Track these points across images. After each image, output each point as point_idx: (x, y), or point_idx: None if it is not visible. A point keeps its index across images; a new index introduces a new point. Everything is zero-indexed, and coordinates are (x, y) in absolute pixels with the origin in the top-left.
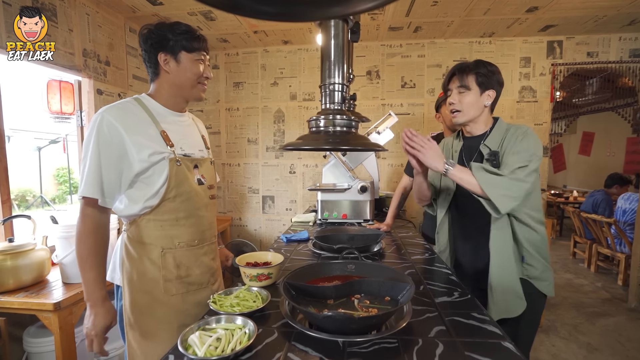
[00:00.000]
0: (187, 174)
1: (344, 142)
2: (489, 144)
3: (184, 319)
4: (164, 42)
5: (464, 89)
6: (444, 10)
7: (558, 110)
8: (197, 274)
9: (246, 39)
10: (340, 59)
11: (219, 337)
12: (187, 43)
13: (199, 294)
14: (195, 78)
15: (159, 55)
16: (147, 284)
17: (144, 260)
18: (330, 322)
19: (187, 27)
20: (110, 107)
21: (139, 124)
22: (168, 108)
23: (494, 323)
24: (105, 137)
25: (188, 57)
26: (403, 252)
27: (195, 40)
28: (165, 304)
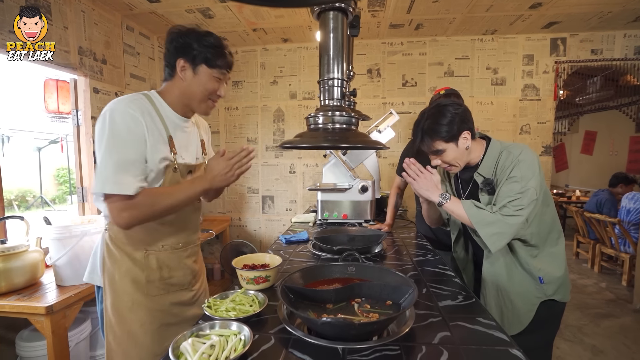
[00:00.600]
0: (179, 180)
1: (343, 140)
2: (482, 172)
3: (164, 319)
4: (187, 49)
5: (439, 152)
6: (445, 6)
7: (561, 109)
8: (179, 275)
9: (245, 37)
10: (339, 54)
11: (212, 344)
12: (211, 57)
13: (179, 295)
14: (207, 93)
15: (178, 60)
16: (129, 284)
17: (127, 261)
18: (329, 328)
19: (217, 42)
20: (128, 102)
21: (155, 126)
22: (175, 111)
23: (501, 329)
24: (132, 128)
25: (207, 72)
26: (405, 253)
27: (220, 57)
28: (146, 305)
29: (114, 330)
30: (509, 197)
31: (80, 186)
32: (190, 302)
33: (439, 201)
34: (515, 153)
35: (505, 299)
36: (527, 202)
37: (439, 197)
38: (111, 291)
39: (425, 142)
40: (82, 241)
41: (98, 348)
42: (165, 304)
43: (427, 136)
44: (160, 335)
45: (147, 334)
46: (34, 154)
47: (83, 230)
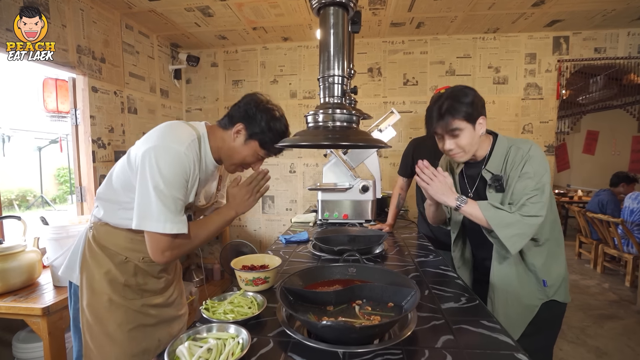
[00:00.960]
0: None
1: (343, 138)
2: (491, 168)
3: (141, 319)
4: (252, 121)
5: (457, 132)
6: (447, 5)
7: (563, 108)
8: (152, 283)
9: (245, 35)
10: (340, 50)
11: (209, 347)
12: (267, 141)
13: (154, 299)
14: (244, 163)
15: (238, 124)
16: (107, 285)
17: (108, 263)
18: (329, 332)
19: (281, 130)
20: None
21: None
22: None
23: (506, 332)
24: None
25: (255, 148)
26: (407, 254)
27: (273, 147)
28: (123, 305)
29: (92, 329)
30: (526, 195)
31: (79, 186)
32: (166, 304)
33: (457, 205)
34: (524, 149)
35: (513, 300)
36: (546, 200)
37: (456, 200)
38: (89, 290)
39: (444, 121)
40: (79, 242)
41: None
42: (142, 307)
43: (448, 114)
44: (137, 335)
45: (124, 333)
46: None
47: (80, 230)
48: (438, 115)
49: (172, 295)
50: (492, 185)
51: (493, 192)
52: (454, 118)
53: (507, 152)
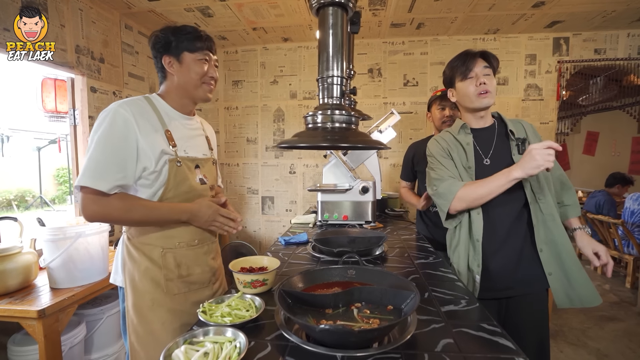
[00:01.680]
0: (187, 174)
1: (343, 140)
2: (513, 129)
3: (185, 319)
4: (167, 45)
5: (490, 71)
6: (447, 5)
7: (563, 109)
8: (198, 273)
9: (245, 36)
10: (339, 51)
11: (206, 351)
12: (189, 43)
13: (200, 293)
14: (198, 78)
15: (164, 58)
16: (148, 284)
17: (145, 260)
18: (328, 335)
19: (192, 28)
20: (123, 103)
21: (149, 122)
22: (177, 110)
23: (507, 336)
24: (121, 130)
25: (190, 57)
26: (406, 255)
27: (197, 39)
28: (167, 304)
29: (137, 330)
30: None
31: None
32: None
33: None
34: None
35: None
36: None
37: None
38: (132, 291)
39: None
40: (76, 243)
41: (93, 352)
42: (186, 304)
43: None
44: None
45: (169, 333)
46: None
47: (78, 231)
48: (480, 54)
49: (218, 291)
50: (519, 145)
51: (517, 155)
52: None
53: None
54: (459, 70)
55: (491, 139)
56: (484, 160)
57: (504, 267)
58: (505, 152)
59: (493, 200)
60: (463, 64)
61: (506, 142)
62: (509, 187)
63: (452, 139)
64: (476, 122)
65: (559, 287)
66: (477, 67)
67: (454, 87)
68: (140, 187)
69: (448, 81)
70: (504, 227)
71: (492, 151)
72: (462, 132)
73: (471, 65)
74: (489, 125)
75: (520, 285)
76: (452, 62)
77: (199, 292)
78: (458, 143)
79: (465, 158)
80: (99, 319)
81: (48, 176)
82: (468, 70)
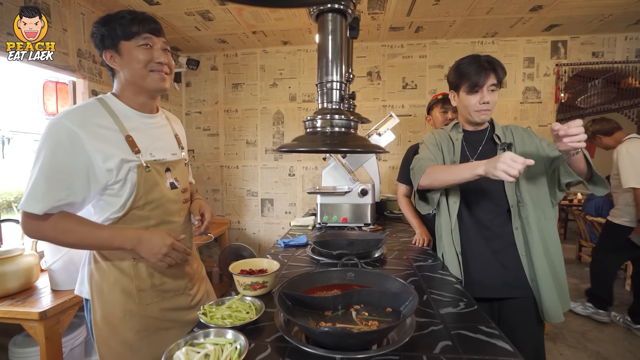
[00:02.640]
0: (157, 180)
1: (342, 144)
2: (499, 134)
3: (160, 324)
4: (103, 39)
5: (496, 87)
6: (445, 9)
7: (562, 111)
8: (172, 281)
9: (245, 39)
10: (338, 56)
11: (207, 353)
12: (124, 30)
13: (175, 300)
14: (142, 66)
15: (104, 53)
16: (119, 295)
17: (114, 271)
18: (327, 337)
19: (124, 13)
20: (70, 112)
21: (102, 130)
22: (134, 109)
23: (504, 338)
24: (65, 147)
25: (129, 45)
26: (405, 258)
27: (132, 23)
28: (139, 313)
29: (107, 342)
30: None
31: None
32: (189, 307)
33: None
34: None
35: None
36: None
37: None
38: (100, 303)
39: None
40: None
41: (93, 354)
42: (162, 312)
43: (499, 67)
44: (157, 340)
45: (143, 340)
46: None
47: None
48: (492, 69)
49: (196, 296)
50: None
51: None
52: (500, 74)
53: (507, 129)
54: (468, 81)
55: (480, 141)
56: (470, 159)
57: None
58: (491, 155)
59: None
60: (475, 75)
61: (494, 146)
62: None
63: (445, 134)
64: (470, 127)
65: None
66: (486, 84)
67: (457, 92)
68: (108, 197)
69: (454, 84)
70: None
71: (478, 152)
72: (454, 129)
73: (482, 81)
74: (483, 128)
75: (507, 287)
76: (464, 67)
77: (174, 299)
78: (449, 138)
79: (452, 152)
80: None
81: None
82: (478, 86)
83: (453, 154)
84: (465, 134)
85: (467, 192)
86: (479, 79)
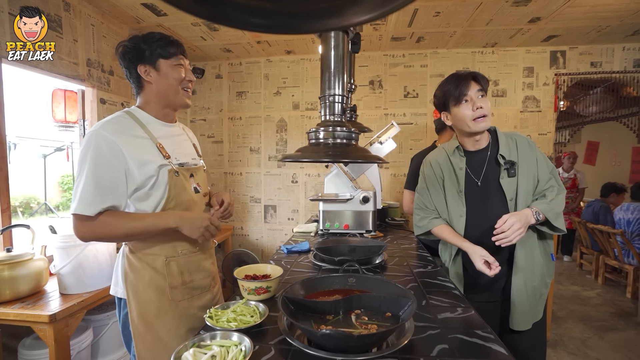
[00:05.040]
0: (184, 184)
1: (343, 155)
2: (504, 153)
3: (191, 323)
4: (140, 54)
5: (484, 93)
6: (446, 20)
7: (562, 119)
8: (199, 278)
9: (249, 48)
10: (340, 70)
11: (213, 354)
12: (163, 50)
13: (202, 298)
14: (177, 83)
15: (139, 67)
16: (153, 293)
17: (149, 270)
18: (328, 340)
19: (160, 35)
20: (105, 123)
21: (136, 139)
22: (158, 119)
23: (500, 342)
24: (104, 153)
25: (167, 64)
26: (405, 264)
27: (170, 45)
28: (172, 311)
29: (144, 338)
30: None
31: None
32: (212, 305)
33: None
34: (523, 137)
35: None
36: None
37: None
38: (136, 301)
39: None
40: (86, 250)
41: (99, 356)
42: (190, 309)
43: (478, 75)
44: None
45: (175, 338)
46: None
47: None
48: (471, 77)
49: (217, 295)
50: (507, 169)
51: (506, 177)
52: (482, 81)
53: (511, 141)
54: (452, 94)
55: (483, 162)
56: (476, 182)
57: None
58: (495, 175)
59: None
60: (456, 88)
61: (496, 166)
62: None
63: (447, 161)
64: (472, 145)
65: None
66: (470, 91)
67: (448, 111)
68: (135, 201)
69: (441, 105)
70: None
71: (482, 174)
72: (456, 153)
73: (464, 89)
74: (483, 147)
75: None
76: (443, 85)
77: (201, 296)
78: (451, 166)
79: (456, 183)
80: (105, 324)
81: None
82: (462, 95)
83: (458, 185)
84: (468, 157)
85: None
86: (460, 89)
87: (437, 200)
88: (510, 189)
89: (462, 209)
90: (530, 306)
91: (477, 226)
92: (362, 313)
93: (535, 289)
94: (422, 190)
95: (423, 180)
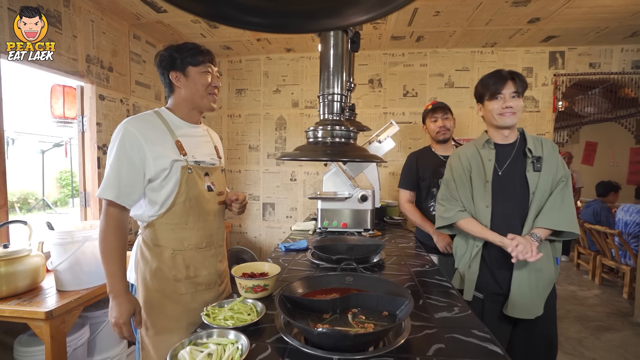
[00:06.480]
0: (197, 181)
1: (342, 154)
2: (531, 147)
3: (192, 318)
4: (173, 62)
5: (519, 95)
6: (446, 20)
7: (561, 119)
8: (204, 274)
9: (249, 46)
10: (339, 69)
11: (210, 352)
12: (192, 58)
13: (206, 294)
14: (204, 89)
15: (171, 74)
16: (158, 283)
17: (156, 261)
18: (325, 339)
19: (193, 45)
20: (132, 119)
21: (157, 135)
22: (184, 120)
23: (495, 342)
24: (126, 146)
25: (195, 70)
26: (403, 263)
27: (199, 54)
28: (175, 302)
29: (146, 324)
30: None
31: (83, 191)
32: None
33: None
34: (548, 140)
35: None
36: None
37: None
38: (143, 288)
39: (514, 82)
40: (83, 247)
41: (96, 354)
42: (194, 303)
43: (518, 77)
44: (187, 333)
45: (175, 330)
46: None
47: (85, 235)
48: (510, 77)
49: (223, 294)
50: (534, 162)
51: (531, 170)
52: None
53: (536, 139)
54: (489, 89)
55: (509, 155)
56: (497, 171)
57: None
58: (520, 167)
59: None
60: (494, 84)
61: (523, 158)
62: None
63: (475, 153)
64: (501, 139)
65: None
66: (505, 90)
67: (482, 104)
68: (149, 191)
69: (479, 96)
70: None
71: (507, 164)
72: (486, 146)
73: (501, 87)
74: (511, 142)
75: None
76: (484, 79)
77: (205, 293)
78: (480, 158)
79: (483, 173)
80: (102, 321)
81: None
82: (497, 92)
83: (485, 175)
84: (497, 150)
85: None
86: (497, 86)
87: (462, 191)
88: (533, 182)
89: (488, 199)
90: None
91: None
92: (359, 312)
93: (537, 281)
94: (449, 181)
95: (450, 172)
